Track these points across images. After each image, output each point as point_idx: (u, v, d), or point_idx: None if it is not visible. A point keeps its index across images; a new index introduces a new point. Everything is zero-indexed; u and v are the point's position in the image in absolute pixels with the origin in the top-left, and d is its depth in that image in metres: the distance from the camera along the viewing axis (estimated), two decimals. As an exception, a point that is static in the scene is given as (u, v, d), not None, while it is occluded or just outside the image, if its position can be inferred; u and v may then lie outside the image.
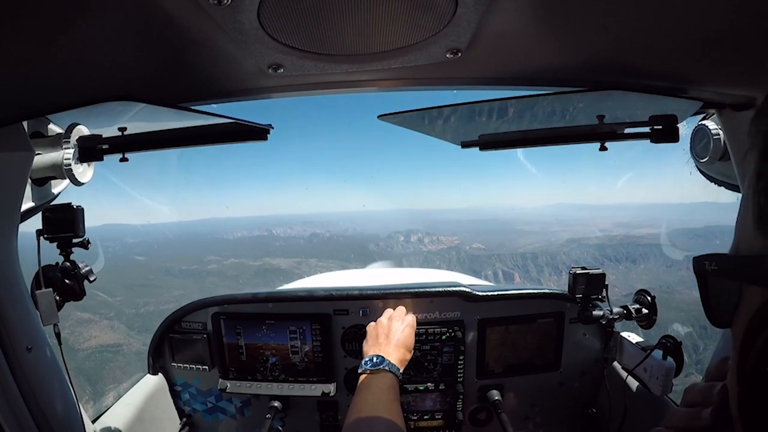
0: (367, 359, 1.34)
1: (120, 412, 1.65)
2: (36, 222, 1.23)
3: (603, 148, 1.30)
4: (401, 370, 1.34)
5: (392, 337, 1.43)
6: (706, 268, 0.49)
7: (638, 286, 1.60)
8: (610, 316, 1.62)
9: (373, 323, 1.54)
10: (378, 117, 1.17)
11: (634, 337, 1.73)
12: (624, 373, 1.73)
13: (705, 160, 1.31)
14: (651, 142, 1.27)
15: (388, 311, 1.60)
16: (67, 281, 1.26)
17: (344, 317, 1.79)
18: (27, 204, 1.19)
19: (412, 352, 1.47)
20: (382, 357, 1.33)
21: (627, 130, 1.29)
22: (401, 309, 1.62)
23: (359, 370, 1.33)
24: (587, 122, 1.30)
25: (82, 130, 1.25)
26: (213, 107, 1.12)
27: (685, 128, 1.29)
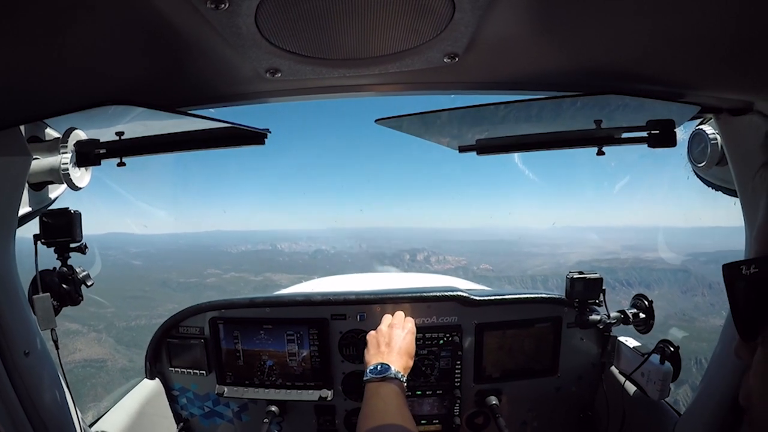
0: (371, 367, 1.33)
1: (117, 416, 1.64)
2: (33, 227, 1.23)
3: (600, 153, 1.30)
4: (405, 377, 1.33)
5: (394, 345, 1.42)
6: (743, 273, 0.46)
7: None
8: (608, 321, 1.62)
9: (373, 332, 1.52)
10: (375, 121, 1.16)
11: (631, 342, 1.73)
12: (621, 378, 1.73)
13: (702, 164, 1.31)
14: (648, 146, 1.26)
15: (387, 318, 1.58)
16: (64, 286, 1.26)
17: (342, 322, 1.78)
18: (24, 209, 1.18)
19: (413, 358, 1.46)
20: (387, 365, 1.32)
21: (624, 135, 1.29)
22: (400, 315, 1.61)
23: (365, 379, 1.32)
24: (584, 126, 1.30)
25: (80, 134, 1.24)
26: (210, 111, 1.11)
27: (682, 133, 1.30)
